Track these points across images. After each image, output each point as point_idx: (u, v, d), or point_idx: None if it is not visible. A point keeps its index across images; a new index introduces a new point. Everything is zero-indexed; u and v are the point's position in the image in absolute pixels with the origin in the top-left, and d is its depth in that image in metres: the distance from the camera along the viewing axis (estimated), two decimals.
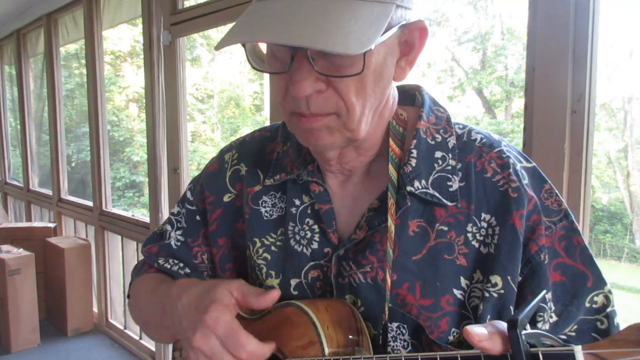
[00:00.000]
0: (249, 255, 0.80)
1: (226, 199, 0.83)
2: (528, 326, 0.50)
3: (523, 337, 0.48)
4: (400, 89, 0.78)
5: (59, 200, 4.30)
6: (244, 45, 0.64)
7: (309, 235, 0.74)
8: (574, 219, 0.69)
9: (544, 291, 0.61)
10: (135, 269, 0.94)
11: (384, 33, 0.58)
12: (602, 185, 8.61)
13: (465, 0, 9.97)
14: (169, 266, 0.86)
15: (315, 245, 0.73)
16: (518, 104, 9.11)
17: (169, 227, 0.88)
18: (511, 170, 0.68)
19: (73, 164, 9.73)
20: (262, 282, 0.78)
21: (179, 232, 0.87)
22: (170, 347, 0.86)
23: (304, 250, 0.74)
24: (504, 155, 0.69)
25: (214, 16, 2.39)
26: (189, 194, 0.88)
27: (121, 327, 3.65)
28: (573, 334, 0.68)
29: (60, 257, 3.67)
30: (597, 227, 8.18)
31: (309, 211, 0.75)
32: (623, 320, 0.69)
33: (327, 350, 0.62)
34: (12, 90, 5.71)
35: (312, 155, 0.75)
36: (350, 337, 0.65)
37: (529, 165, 0.71)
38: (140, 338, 3.44)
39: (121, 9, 3.33)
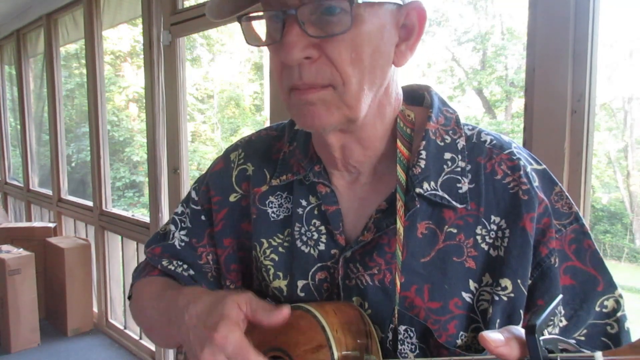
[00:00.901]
0: (254, 256, 0.79)
1: (232, 198, 0.82)
2: (545, 331, 0.50)
3: (541, 342, 0.47)
4: (408, 89, 0.77)
5: (59, 200, 4.30)
6: (240, 22, 0.64)
7: (315, 236, 0.73)
8: (584, 223, 0.68)
9: (560, 296, 0.60)
10: (137, 271, 0.92)
11: None
12: (602, 185, 8.62)
13: (465, 0, 9.97)
14: (172, 268, 0.85)
15: (322, 247, 0.73)
16: (518, 104, 9.11)
17: (172, 227, 0.87)
18: (522, 172, 0.67)
19: (73, 164, 9.73)
20: (269, 283, 0.77)
21: (183, 233, 0.85)
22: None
23: (311, 251, 0.73)
24: (515, 157, 0.68)
25: None
26: (193, 194, 0.87)
27: (121, 327, 3.65)
28: (582, 338, 0.67)
29: (60, 257, 3.67)
30: (597, 227, 8.18)
31: (315, 212, 0.74)
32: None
33: (336, 354, 0.61)
34: (12, 90, 5.71)
35: (318, 155, 0.75)
36: (359, 341, 0.64)
37: (539, 167, 0.70)
38: (140, 338, 3.44)
39: (121, 9, 3.33)
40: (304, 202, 0.75)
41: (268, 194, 0.78)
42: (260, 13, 0.63)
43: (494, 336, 0.49)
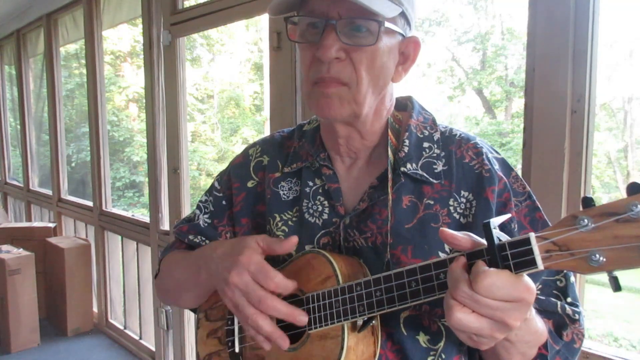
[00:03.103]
0: (268, 230, 0.94)
1: (249, 185, 1.00)
2: (497, 228, 0.64)
3: (494, 232, 0.62)
4: (396, 100, 0.95)
5: (59, 200, 4.30)
6: (285, 21, 0.83)
7: (320, 209, 0.90)
8: (535, 199, 0.85)
9: (509, 215, 0.76)
10: (165, 250, 1.09)
11: (393, 24, 0.79)
12: (602, 185, 8.62)
13: (465, 0, 9.97)
14: (197, 241, 1.02)
15: (325, 217, 0.89)
16: (518, 104, 9.11)
17: (197, 212, 1.05)
18: (484, 157, 0.85)
19: (73, 164, 9.74)
20: None
21: (206, 216, 1.04)
22: (171, 346, 0.86)
23: (317, 221, 0.90)
24: (479, 146, 0.87)
25: (214, 16, 2.39)
26: (216, 184, 1.05)
27: (121, 327, 3.65)
28: (539, 291, 0.82)
29: (60, 257, 3.68)
30: None
31: (320, 190, 0.91)
32: (625, 320, 0.69)
33: (341, 281, 0.76)
34: (12, 90, 5.72)
35: (324, 145, 0.93)
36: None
37: (499, 156, 0.88)
38: (140, 338, 3.44)
39: (121, 9, 3.33)
40: (310, 183, 0.93)
41: (280, 180, 0.96)
42: (296, 18, 0.81)
43: (451, 231, 0.66)
